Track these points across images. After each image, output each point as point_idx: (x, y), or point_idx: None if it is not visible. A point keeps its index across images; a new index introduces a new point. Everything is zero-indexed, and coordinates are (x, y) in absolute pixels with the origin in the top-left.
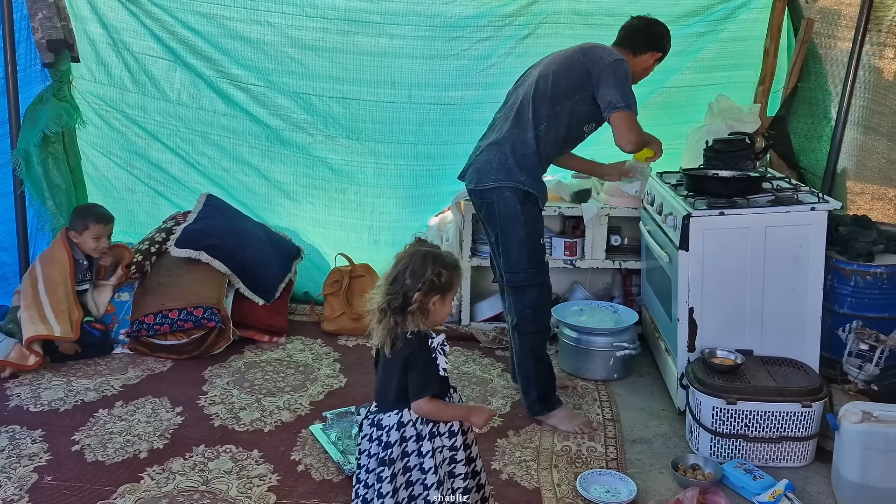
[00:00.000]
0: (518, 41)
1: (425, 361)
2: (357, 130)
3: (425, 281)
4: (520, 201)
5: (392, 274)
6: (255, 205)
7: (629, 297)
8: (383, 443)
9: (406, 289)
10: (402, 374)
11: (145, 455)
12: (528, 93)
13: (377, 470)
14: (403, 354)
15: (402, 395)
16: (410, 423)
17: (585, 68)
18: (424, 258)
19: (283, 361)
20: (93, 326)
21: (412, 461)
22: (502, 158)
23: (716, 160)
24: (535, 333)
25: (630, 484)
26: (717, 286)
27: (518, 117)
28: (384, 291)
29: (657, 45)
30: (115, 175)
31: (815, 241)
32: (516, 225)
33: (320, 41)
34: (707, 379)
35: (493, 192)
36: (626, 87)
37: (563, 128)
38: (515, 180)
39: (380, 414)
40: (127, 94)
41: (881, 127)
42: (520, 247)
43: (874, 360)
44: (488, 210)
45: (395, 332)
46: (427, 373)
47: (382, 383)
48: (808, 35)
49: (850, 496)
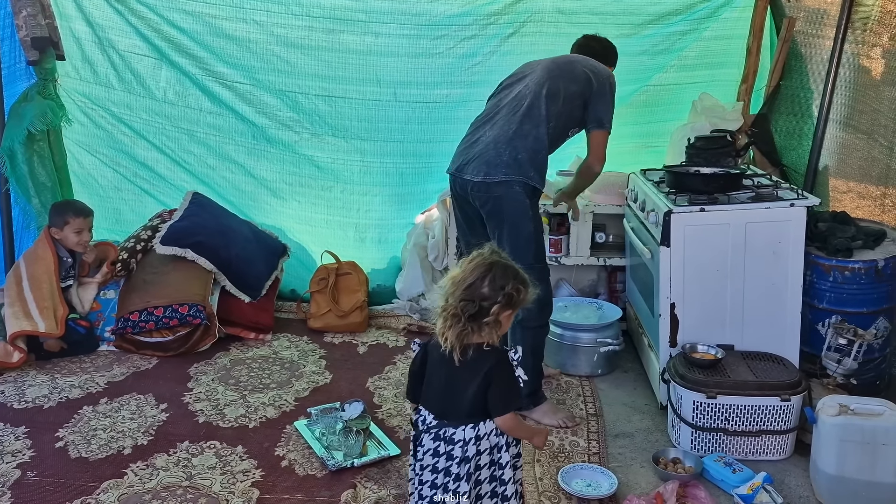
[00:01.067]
0: (503, 39)
1: (510, 376)
2: (343, 128)
3: (506, 294)
4: (528, 196)
5: (467, 279)
6: (241, 203)
7: (614, 293)
8: (458, 458)
9: (482, 298)
10: (481, 387)
11: (129, 451)
12: (540, 89)
13: (453, 486)
14: (483, 367)
15: (478, 409)
16: (486, 437)
17: (588, 77)
18: (506, 271)
19: (268, 358)
20: (78, 323)
21: (483, 474)
22: (513, 153)
23: (697, 157)
24: (539, 328)
25: (611, 477)
26: (698, 282)
27: (530, 111)
28: (458, 296)
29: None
30: (101, 173)
31: (795, 237)
32: (525, 219)
33: (306, 39)
34: (688, 373)
35: (502, 186)
36: (611, 107)
37: (560, 128)
38: (525, 175)
39: (448, 428)
40: (113, 92)
41: (861, 125)
42: (528, 241)
43: (852, 354)
44: (495, 203)
45: (464, 341)
46: (513, 388)
47: (449, 395)
48: (790, 34)
49: (827, 488)
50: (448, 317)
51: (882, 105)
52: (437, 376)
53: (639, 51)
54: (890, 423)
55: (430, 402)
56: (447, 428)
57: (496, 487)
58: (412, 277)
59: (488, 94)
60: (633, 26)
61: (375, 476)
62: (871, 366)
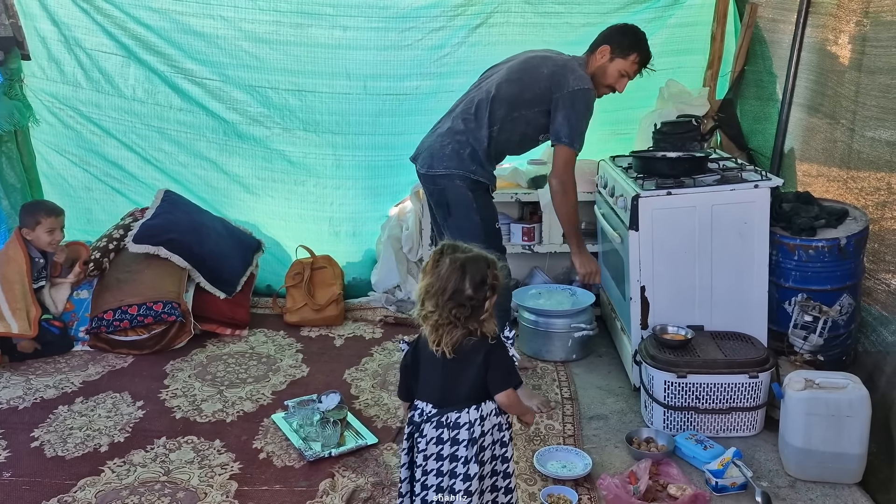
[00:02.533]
0: (470, 30)
1: (506, 356)
2: (314, 122)
3: (489, 286)
4: (470, 188)
5: (447, 287)
6: (214, 199)
7: None
8: (465, 440)
9: (470, 298)
10: (479, 371)
11: (106, 449)
12: (490, 93)
13: (462, 470)
14: (479, 354)
15: (477, 392)
16: (488, 416)
17: (549, 88)
18: (476, 262)
19: (245, 353)
20: (51, 324)
21: (486, 455)
22: (455, 147)
23: (664, 142)
24: (498, 315)
25: (586, 458)
26: (667, 264)
27: (477, 113)
28: (445, 306)
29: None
30: (71, 173)
31: (760, 218)
32: (470, 211)
33: (274, 34)
34: (659, 354)
35: (443, 179)
36: (578, 122)
37: (517, 133)
38: (466, 169)
39: (451, 413)
40: (80, 91)
41: (823, 108)
42: (475, 232)
43: (818, 330)
44: (440, 195)
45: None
46: (510, 366)
47: (448, 385)
48: (753, 19)
49: (795, 461)
50: (440, 325)
51: (844, 88)
52: (433, 371)
53: None
54: (853, 396)
55: (428, 394)
56: (450, 413)
57: (497, 466)
58: (387, 270)
59: (458, 85)
60: (599, 15)
61: (353, 465)
62: (837, 342)
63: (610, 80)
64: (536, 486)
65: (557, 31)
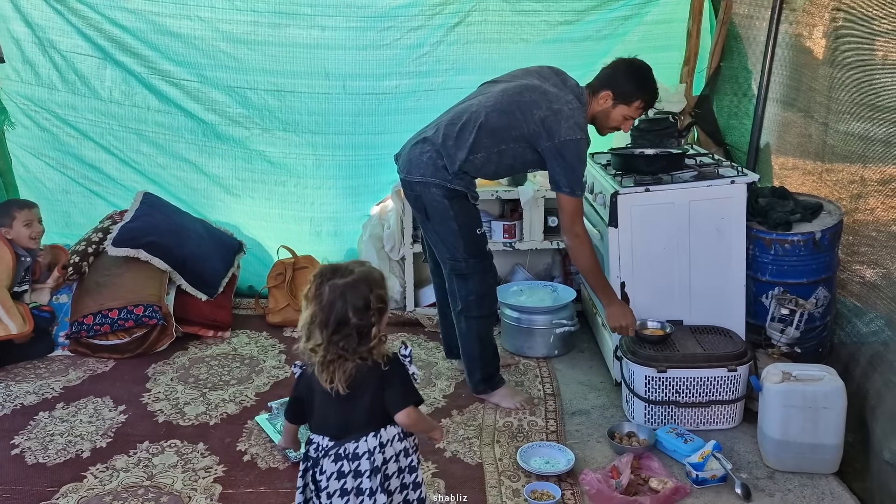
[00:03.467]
0: (449, 29)
1: (404, 374)
2: (293, 123)
3: (374, 311)
4: (446, 197)
5: (329, 318)
6: (194, 201)
7: (569, 276)
8: (367, 471)
9: (356, 326)
10: (375, 394)
11: (88, 454)
12: (479, 118)
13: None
14: (374, 376)
15: (375, 417)
16: (389, 443)
17: (538, 133)
18: (356, 288)
19: (228, 355)
20: (41, 310)
21: (393, 483)
22: (433, 157)
23: (642, 139)
24: (481, 318)
25: (568, 454)
26: (646, 260)
27: (460, 133)
28: (331, 340)
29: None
30: (48, 176)
31: (736, 213)
32: (447, 218)
33: (252, 34)
34: (639, 350)
35: (420, 186)
36: (572, 172)
37: (504, 165)
38: (442, 178)
39: (349, 444)
40: (56, 93)
41: (798, 102)
42: (455, 238)
43: (795, 323)
44: (417, 201)
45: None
46: (407, 383)
47: (343, 413)
48: (728, 16)
49: (774, 452)
50: (329, 362)
51: (817, 83)
52: (328, 404)
53: (583, 37)
54: (829, 388)
55: (324, 428)
56: (347, 444)
57: (408, 495)
58: None
59: (437, 84)
60: (576, 13)
61: None
62: (813, 334)
63: (614, 123)
64: (520, 482)
65: (535, 28)
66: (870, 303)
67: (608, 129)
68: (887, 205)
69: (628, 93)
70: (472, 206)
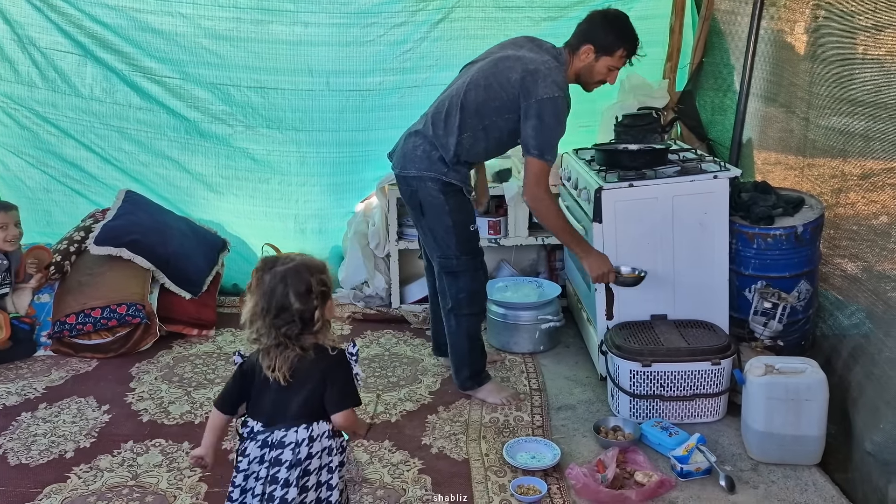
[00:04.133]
0: (432, 25)
1: (347, 373)
2: (277, 120)
3: (316, 294)
4: (442, 191)
5: (271, 305)
6: (177, 199)
7: (554, 271)
8: (287, 461)
9: (299, 312)
10: (315, 388)
11: (71, 455)
12: (459, 97)
13: (280, 493)
14: (318, 368)
15: (311, 409)
16: (318, 438)
17: (517, 96)
18: (298, 274)
19: (212, 354)
20: (21, 321)
21: (311, 480)
22: (427, 149)
23: (625, 135)
24: (471, 315)
25: (554, 449)
26: (630, 255)
27: (447, 119)
28: (273, 325)
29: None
30: (29, 175)
31: (719, 208)
32: (442, 214)
33: (234, 31)
34: (624, 344)
35: (416, 181)
36: (547, 132)
37: (493, 140)
38: (438, 171)
39: (278, 431)
40: (36, 90)
41: (779, 98)
42: (447, 234)
43: (777, 316)
44: (412, 196)
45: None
46: (351, 384)
47: (280, 400)
48: (710, 12)
49: (757, 444)
50: (271, 348)
51: (798, 79)
52: (266, 390)
53: (567, 32)
54: (812, 380)
55: (258, 412)
56: (277, 432)
57: (321, 493)
58: (354, 266)
59: (421, 81)
60: (559, 9)
61: None
62: (796, 327)
63: (599, 76)
64: (506, 477)
65: (519, 24)
66: (851, 296)
67: (594, 84)
68: (867, 199)
69: (609, 44)
70: (466, 202)
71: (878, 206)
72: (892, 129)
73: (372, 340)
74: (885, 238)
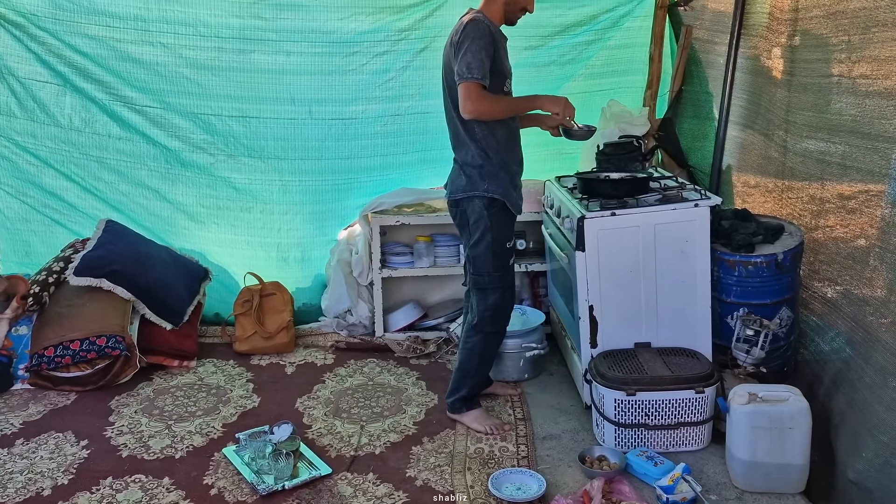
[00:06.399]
0: (415, 54)
1: None
2: (259, 148)
3: None
4: (486, 207)
5: None
6: (158, 228)
7: (537, 298)
8: None
9: None
10: None
11: (49, 492)
12: (450, 112)
13: None
14: None
15: None
16: None
17: (450, 52)
18: None
19: (194, 385)
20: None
21: None
22: (468, 172)
23: (607, 163)
24: (493, 334)
25: (540, 480)
26: (613, 283)
27: (457, 136)
28: None
29: None
30: (7, 204)
31: (701, 236)
32: (483, 229)
33: (216, 60)
34: (608, 373)
35: (464, 202)
36: (472, 55)
37: (500, 127)
38: (479, 189)
39: None
40: (15, 120)
41: (757, 125)
42: (486, 250)
43: (759, 343)
44: (462, 218)
45: None
46: None
47: None
48: (688, 41)
49: (742, 473)
50: None
51: (774, 106)
52: None
53: (547, 61)
54: (795, 408)
55: None
56: None
57: None
58: (337, 294)
59: (404, 109)
60: (540, 38)
61: (307, 497)
62: (778, 353)
63: (523, 3)
64: None
65: None
66: (830, 321)
67: (520, 13)
68: (845, 224)
69: None
70: (507, 218)
71: (856, 229)
72: (867, 155)
73: (356, 370)
74: (862, 264)
